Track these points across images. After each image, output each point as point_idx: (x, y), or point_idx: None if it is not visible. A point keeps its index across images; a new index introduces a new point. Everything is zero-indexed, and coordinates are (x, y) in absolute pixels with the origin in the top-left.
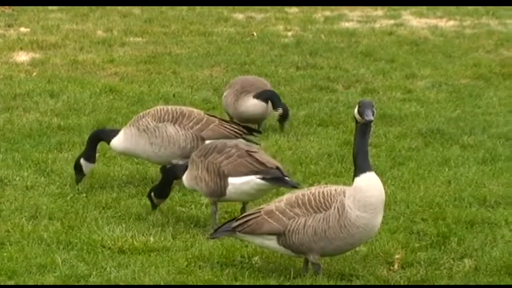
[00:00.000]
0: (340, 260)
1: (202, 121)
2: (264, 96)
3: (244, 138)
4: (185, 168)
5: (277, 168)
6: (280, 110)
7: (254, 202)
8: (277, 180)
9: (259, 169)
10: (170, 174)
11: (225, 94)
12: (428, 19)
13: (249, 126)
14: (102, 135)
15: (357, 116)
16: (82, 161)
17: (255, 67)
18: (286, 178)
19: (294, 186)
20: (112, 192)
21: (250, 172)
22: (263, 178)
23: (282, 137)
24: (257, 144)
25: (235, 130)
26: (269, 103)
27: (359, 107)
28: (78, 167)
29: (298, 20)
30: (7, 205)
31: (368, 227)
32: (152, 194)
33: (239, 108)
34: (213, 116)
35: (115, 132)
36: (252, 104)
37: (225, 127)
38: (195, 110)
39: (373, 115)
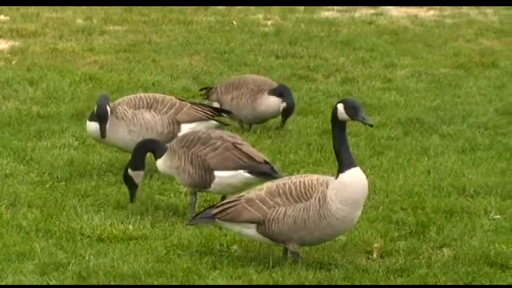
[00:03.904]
0: (319, 249)
1: (175, 105)
2: (278, 91)
3: (215, 120)
4: (161, 147)
5: (265, 162)
6: (284, 105)
7: None
8: (265, 175)
9: (247, 163)
10: (144, 146)
11: (231, 96)
12: (408, 9)
13: (218, 107)
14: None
15: (344, 116)
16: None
17: (235, 56)
18: (275, 174)
19: None
20: (91, 180)
21: (238, 166)
22: (251, 172)
23: (261, 126)
24: (227, 125)
25: (207, 111)
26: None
27: (348, 107)
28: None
29: (278, 9)
30: None
31: (347, 219)
32: (129, 169)
33: (258, 107)
34: (183, 100)
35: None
36: (273, 101)
37: (197, 109)
38: (166, 96)
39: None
